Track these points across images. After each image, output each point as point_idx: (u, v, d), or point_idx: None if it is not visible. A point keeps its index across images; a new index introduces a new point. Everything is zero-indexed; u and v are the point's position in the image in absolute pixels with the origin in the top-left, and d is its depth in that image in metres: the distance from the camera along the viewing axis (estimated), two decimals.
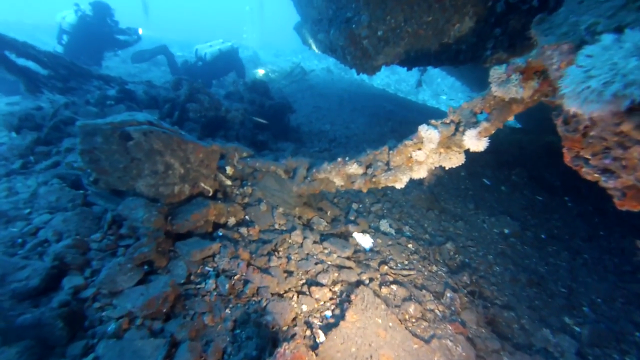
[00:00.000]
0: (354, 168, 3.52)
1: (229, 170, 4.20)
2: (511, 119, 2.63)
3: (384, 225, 4.66)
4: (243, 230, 3.46)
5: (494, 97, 2.53)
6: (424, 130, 2.92)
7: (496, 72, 2.37)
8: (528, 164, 7.69)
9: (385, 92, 17.06)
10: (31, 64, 5.03)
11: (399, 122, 12.08)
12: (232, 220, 3.58)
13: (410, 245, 4.36)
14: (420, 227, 5.04)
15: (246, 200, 3.96)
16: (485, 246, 4.74)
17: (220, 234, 3.23)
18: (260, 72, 15.03)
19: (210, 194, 3.75)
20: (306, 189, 3.94)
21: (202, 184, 3.62)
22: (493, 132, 2.67)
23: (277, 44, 29.60)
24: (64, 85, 5.08)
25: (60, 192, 3.00)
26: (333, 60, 20.49)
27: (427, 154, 3.00)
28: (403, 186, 3.29)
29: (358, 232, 4.23)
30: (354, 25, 5.50)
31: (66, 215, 2.74)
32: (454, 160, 2.97)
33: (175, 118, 5.70)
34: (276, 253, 3.33)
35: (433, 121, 3.01)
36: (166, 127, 3.35)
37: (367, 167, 3.53)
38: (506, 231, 5.25)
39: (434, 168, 3.17)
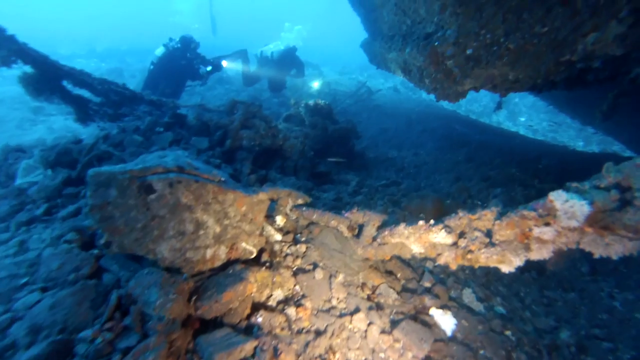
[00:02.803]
0: (440, 236, 2.55)
1: (280, 220, 3.43)
2: None
3: (468, 295, 3.58)
4: (290, 311, 2.62)
5: None
6: (561, 201, 1.88)
7: None
8: None
9: (455, 114, 15.61)
10: (87, 93, 4.82)
11: (474, 147, 10.68)
12: (277, 294, 2.77)
13: (508, 333, 3.22)
14: (515, 299, 3.85)
15: (298, 262, 3.14)
16: (631, 344, 3.39)
17: (260, 319, 2.41)
18: (315, 84, 14.66)
19: (254, 255, 2.99)
20: (374, 253, 3.03)
21: (244, 244, 2.87)
22: None
23: (343, 61, 29.27)
24: (115, 112, 4.78)
25: (66, 256, 2.42)
26: (400, 79, 19.43)
27: (560, 233, 1.95)
28: (512, 270, 2.26)
29: (437, 308, 3.20)
30: (436, 43, 4.54)
31: (59, 295, 2.12)
32: (617, 247, 1.88)
33: (226, 147, 5.14)
34: (331, 351, 2.43)
35: (576, 184, 1.96)
36: (201, 170, 2.67)
37: (459, 235, 2.53)
38: None
39: (566, 249, 2.10)
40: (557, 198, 1.88)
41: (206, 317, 2.23)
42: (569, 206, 1.82)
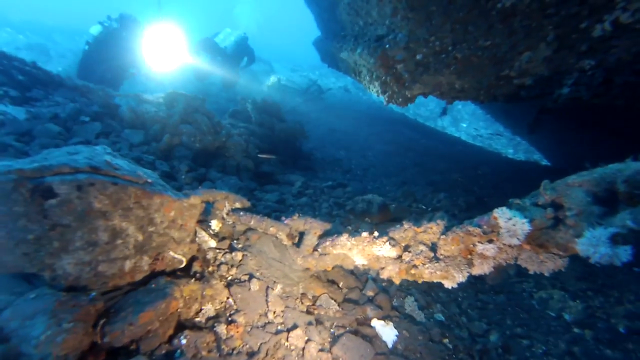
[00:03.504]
0: (385, 250, 2.44)
1: (215, 225, 3.15)
2: None
3: (410, 304, 3.55)
4: (221, 328, 2.38)
5: None
6: (505, 218, 1.84)
7: None
8: None
9: (404, 117, 16.06)
10: None
11: (421, 152, 11.01)
12: (208, 309, 2.51)
13: (446, 341, 3.23)
14: (454, 304, 3.92)
15: (233, 272, 2.89)
16: (542, 339, 3.57)
17: (184, 341, 2.15)
18: (273, 79, 14.22)
19: (184, 265, 2.70)
20: (315, 264, 2.87)
21: (172, 253, 2.57)
22: None
23: (294, 58, 28.97)
24: (22, 95, 4.12)
25: None
26: (351, 79, 19.65)
27: (501, 249, 1.92)
28: (455, 285, 2.22)
29: (378, 320, 3.12)
30: (387, 46, 4.49)
31: None
32: (549, 265, 1.87)
33: (164, 142, 4.71)
34: None
35: (518, 201, 1.94)
36: (123, 170, 2.33)
37: (404, 249, 2.45)
38: (566, 317, 4.08)
39: (505, 265, 2.08)
40: (501, 215, 1.84)
41: (116, 344, 1.92)
42: (511, 224, 1.78)
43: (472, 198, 7.26)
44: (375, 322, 3.06)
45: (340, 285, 3.44)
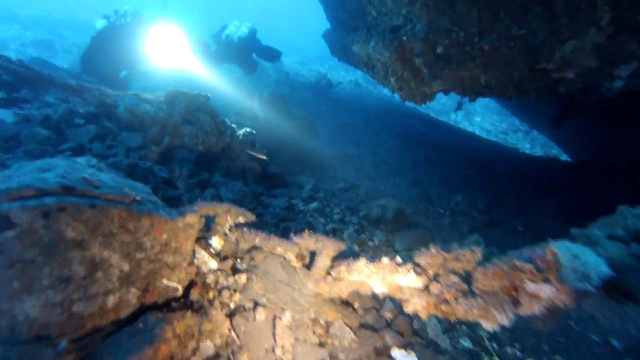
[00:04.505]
0: (409, 279, 2.08)
1: (216, 242, 2.82)
2: None
3: (433, 327, 3.20)
4: None
5: None
6: (568, 256, 1.47)
7: None
8: None
9: (415, 111, 15.53)
10: None
11: (433, 147, 10.54)
12: (206, 347, 2.19)
13: None
14: (480, 328, 3.54)
15: (236, 298, 2.56)
16: (578, 357, 3.17)
17: None
18: (280, 74, 13.76)
19: (180, 292, 2.37)
20: (328, 289, 2.53)
21: (165, 282, 2.25)
22: None
23: (303, 50, 28.43)
24: (9, 96, 3.81)
25: None
26: (362, 73, 19.13)
27: (561, 291, 1.54)
28: (496, 328, 1.85)
29: (399, 349, 2.77)
30: (404, 38, 4.08)
31: None
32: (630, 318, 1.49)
33: (164, 145, 4.38)
34: None
35: (585, 232, 1.56)
36: (106, 187, 2.00)
37: (432, 278, 2.09)
38: (614, 342, 3.53)
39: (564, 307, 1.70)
40: (562, 251, 1.46)
41: None
42: (579, 264, 1.40)
43: (491, 198, 6.84)
44: (396, 353, 2.72)
45: (355, 307, 3.09)
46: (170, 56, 9.34)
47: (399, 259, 2.22)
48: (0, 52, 13.12)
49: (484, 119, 19.78)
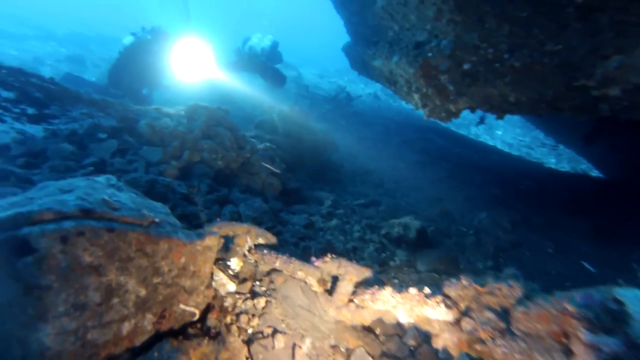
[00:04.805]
0: (439, 313, 1.94)
1: (235, 264, 2.75)
2: None
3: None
4: None
5: None
6: (637, 307, 1.30)
7: None
8: None
9: (435, 125, 15.31)
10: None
11: (455, 163, 10.29)
12: None
13: None
14: None
15: (255, 323, 2.46)
16: None
17: None
18: (299, 87, 13.84)
19: (197, 317, 2.29)
20: (351, 317, 2.41)
21: (182, 306, 2.17)
22: None
23: (322, 63, 28.67)
24: (40, 112, 3.90)
25: None
26: (381, 86, 19.07)
27: (628, 347, 1.37)
28: None
29: None
30: (429, 54, 3.97)
31: None
32: None
33: (183, 160, 4.38)
34: None
35: None
36: (125, 209, 1.95)
37: (464, 312, 1.94)
38: None
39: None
40: (632, 301, 1.30)
41: None
42: None
43: (517, 216, 6.57)
44: None
45: (377, 333, 2.94)
46: (196, 70, 9.53)
47: (427, 289, 2.08)
48: (37, 67, 13.83)
49: (505, 133, 19.34)
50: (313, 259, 2.67)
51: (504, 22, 3.20)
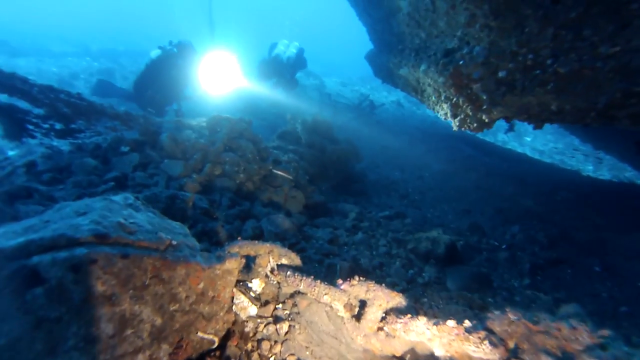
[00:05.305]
0: (484, 350, 1.72)
1: (257, 285, 2.60)
2: None
3: None
4: None
5: None
6: None
7: None
8: None
9: (461, 132, 14.84)
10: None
11: (483, 173, 9.87)
12: None
13: None
14: None
15: (277, 350, 2.31)
16: None
17: None
18: (322, 95, 13.82)
19: (216, 344, 2.15)
20: (380, 347, 2.21)
21: (200, 334, 2.04)
22: None
23: (345, 71, 28.63)
24: (66, 127, 3.94)
25: None
26: (404, 93, 18.76)
27: None
28: None
29: None
30: (461, 62, 3.76)
31: None
32: None
33: (204, 173, 4.31)
34: None
35: None
36: (141, 232, 1.84)
37: (513, 352, 1.71)
38: None
39: None
40: None
41: None
42: None
43: (555, 231, 6.16)
44: None
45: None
46: (223, 82, 9.68)
47: (467, 322, 1.87)
48: (72, 82, 14.41)
49: (535, 139, 18.58)
50: (339, 281, 2.49)
51: (548, 24, 2.97)
